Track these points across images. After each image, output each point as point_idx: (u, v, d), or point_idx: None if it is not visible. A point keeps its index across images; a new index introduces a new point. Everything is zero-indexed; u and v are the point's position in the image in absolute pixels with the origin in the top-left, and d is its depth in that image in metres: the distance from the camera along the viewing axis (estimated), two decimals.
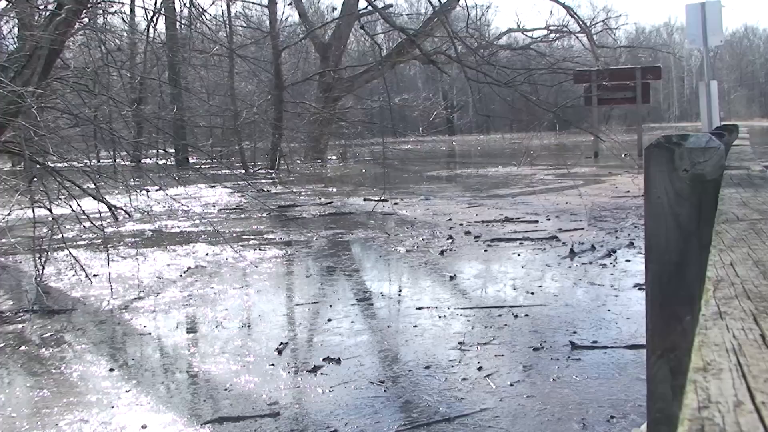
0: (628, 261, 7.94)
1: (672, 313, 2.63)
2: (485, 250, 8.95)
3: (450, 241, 9.60)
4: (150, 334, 5.99)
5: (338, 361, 4.98)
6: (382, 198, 12.80)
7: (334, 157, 32.53)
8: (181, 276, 8.07)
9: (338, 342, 5.46)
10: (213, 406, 4.35)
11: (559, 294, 6.74)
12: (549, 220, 11.14)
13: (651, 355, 2.97)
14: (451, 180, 21.80)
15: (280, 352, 5.23)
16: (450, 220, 11.52)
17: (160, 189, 11.21)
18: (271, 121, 24.90)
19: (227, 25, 24.60)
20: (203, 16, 18.87)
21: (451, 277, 7.59)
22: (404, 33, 22.89)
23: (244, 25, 28.75)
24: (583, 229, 10.18)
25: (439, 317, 6.02)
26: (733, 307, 0.95)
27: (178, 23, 23.83)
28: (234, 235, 10.82)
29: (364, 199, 14.87)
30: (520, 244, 9.23)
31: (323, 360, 4.99)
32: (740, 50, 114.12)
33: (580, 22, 32.48)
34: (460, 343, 5.29)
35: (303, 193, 17.56)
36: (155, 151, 22.90)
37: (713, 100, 17.01)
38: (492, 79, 17.84)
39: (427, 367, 4.82)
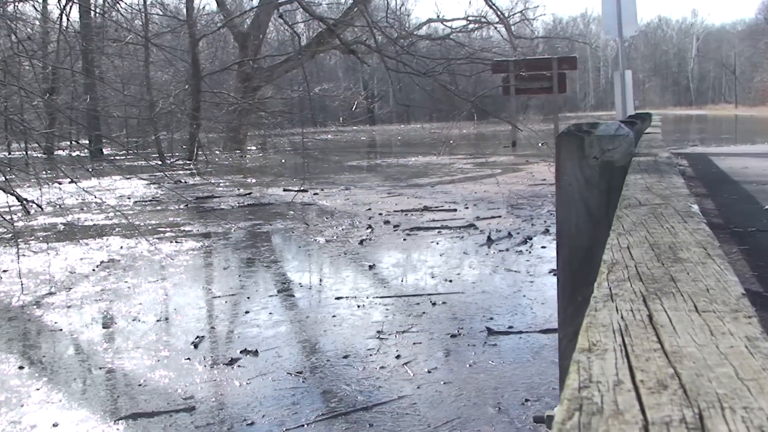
0: (543, 247, 8.09)
1: (582, 298, 2.68)
2: (404, 239, 8.99)
3: (369, 230, 9.62)
4: (62, 330, 5.83)
5: (256, 353, 4.93)
6: (302, 188, 12.75)
7: (253, 148, 32.19)
8: (94, 270, 7.87)
9: (256, 334, 5.41)
10: (127, 402, 4.26)
11: (476, 281, 6.82)
12: (467, 208, 11.27)
13: (562, 339, 3.03)
14: (372, 170, 21.83)
15: (196, 346, 5.15)
16: (369, 209, 11.54)
17: (73, 181, 10.89)
18: (188, 111, 24.47)
19: (143, 14, 24.11)
20: (118, 5, 18.40)
21: (370, 267, 7.61)
22: (323, 23, 22.80)
23: (161, 13, 28.22)
24: (500, 216, 10.32)
25: (358, 306, 6.03)
26: (625, 289, 0.97)
27: (92, 11, 23.21)
28: (150, 227, 10.60)
29: (284, 190, 14.77)
30: (439, 232, 9.30)
31: (240, 352, 4.94)
32: (654, 40, 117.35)
33: (499, 13, 32.83)
34: (378, 332, 5.30)
35: (221, 184, 17.32)
36: (68, 143, 22.31)
37: (628, 90, 17.45)
38: (411, 69, 17.95)
39: (345, 357, 4.82)
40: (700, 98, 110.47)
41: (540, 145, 20.43)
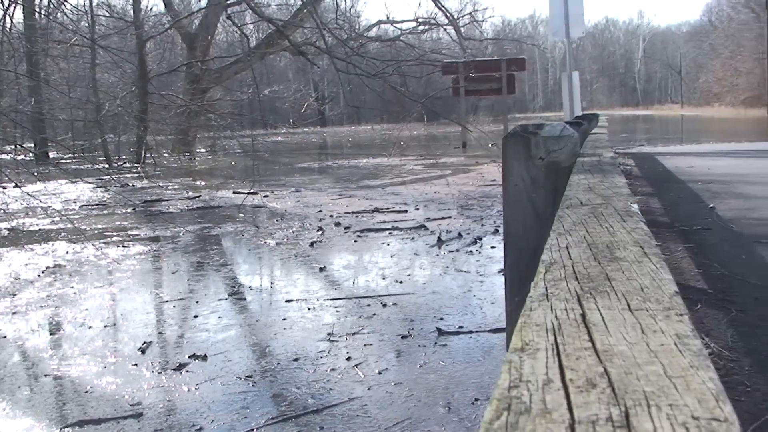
0: (493, 248, 8.15)
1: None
2: (355, 241, 8.99)
3: (320, 232, 9.59)
4: (6, 337, 5.70)
5: (204, 357, 4.88)
6: (252, 191, 12.66)
7: (202, 150, 31.89)
8: (39, 276, 7.72)
9: (205, 338, 5.35)
10: (74, 409, 4.18)
11: (427, 282, 6.85)
12: (418, 209, 11.31)
13: (510, 339, 3.06)
14: (322, 171, 21.78)
15: (143, 351, 5.08)
16: (320, 211, 11.51)
17: (18, 186, 10.67)
18: (135, 114, 24.12)
19: (89, 15, 23.69)
20: (63, 6, 18.09)
21: (321, 269, 7.59)
22: (272, 24, 22.68)
23: (107, 14, 27.77)
24: (450, 217, 10.38)
25: (309, 309, 6.01)
26: (561, 288, 0.98)
27: (36, 13, 22.74)
28: (96, 232, 10.43)
29: (234, 192, 14.66)
30: (390, 234, 9.32)
31: (189, 357, 4.89)
32: (602, 42, 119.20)
33: (448, 15, 33.01)
34: (329, 334, 5.29)
35: (170, 187, 17.12)
36: (12, 147, 21.81)
37: (575, 90, 17.70)
38: (361, 70, 17.94)
39: (296, 360, 4.80)
40: (647, 98, 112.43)
41: (490, 146, 20.59)
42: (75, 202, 14.38)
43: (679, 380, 0.63)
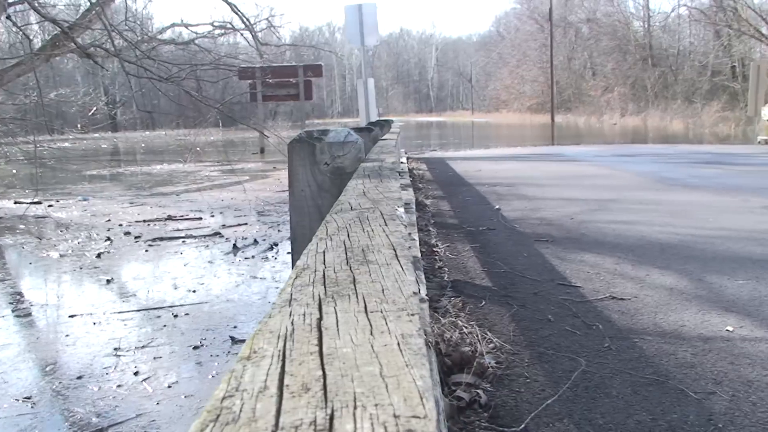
0: (289, 253, 8.13)
1: None
2: (146, 250, 8.69)
3: (108, 242, 9.19)
4: None
5: None
6: (35, 200, 11.94)
7: None
8: None
9: None
10: None
11: (221, 290, 6.74)
12: (213, 216, 11.12)
13: None
14: (113, 179, 20.90)
15: None
16: (109, 221, 11.03)
17: None
18: None
19: None
20: None
21: (109, 281, 7.27)
22: (57, 25, 21.49)
23: None
24: (247, 224, 10.28)
25: (94, 324, 5.73)
26: (305, 293, 0.98)
27: None
28: None
29: (15, 203, 13.75)
30: (183, 242, 9.09)
31: None
32: (397, 50, 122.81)
33: (244, 20, 32.70)
34: (116, 348, 5.07)
35: None
36: None
37: (371, 97, 18.11)
38: (153, 74, 17.36)
39: (79, 378, 4.56)
40: (440, 105, 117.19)
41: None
42: None
43: (392, 380, 0.65)
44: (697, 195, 10.09)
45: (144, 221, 10.80)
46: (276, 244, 8.65)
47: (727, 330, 4.23)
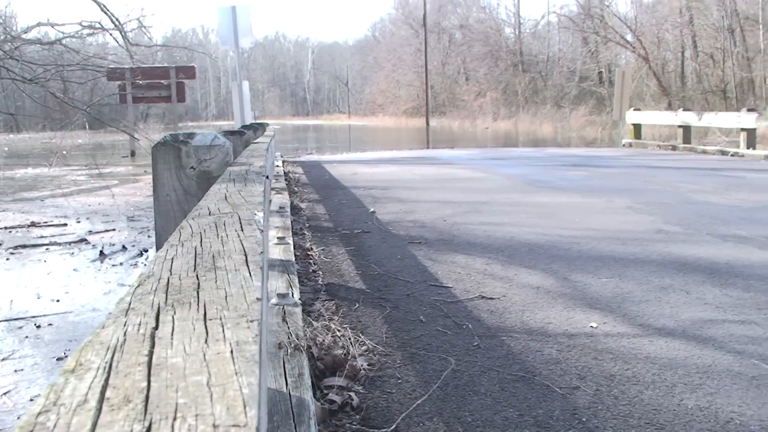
0: None
1: None
2: (7, 259, 8.29)
3: None
4: None
5: None
6: None
7: None
8: None
9: None
10: None
11: (86, 299, 6.50)
12: (79, 222, 10.72)
13: None
14: None
15: None
16: None
17: None
18: None
19: None
20: None
21: None
22: None
23: None
24: (115, 230, 9.97)
25: None
26: (145, 302, 0.96)
27: None
28: None
29: None
30: (47, 249, 8.72)
31: None
32: (272, 53, 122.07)
33: (113, 19, 31.73)
34: None
35: None
36: None
37: (245, 99, 17.92)
38: (16, 74, 16.61)
39: None
40: (317, 108, 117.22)
41: None
42: None
43: (218, 388, 0.64)
44: (565, 197, 10.48)
45: (5, 228, 10.30)
46: (146, 251, 8.42)
47: (591, 326, 4.42)
